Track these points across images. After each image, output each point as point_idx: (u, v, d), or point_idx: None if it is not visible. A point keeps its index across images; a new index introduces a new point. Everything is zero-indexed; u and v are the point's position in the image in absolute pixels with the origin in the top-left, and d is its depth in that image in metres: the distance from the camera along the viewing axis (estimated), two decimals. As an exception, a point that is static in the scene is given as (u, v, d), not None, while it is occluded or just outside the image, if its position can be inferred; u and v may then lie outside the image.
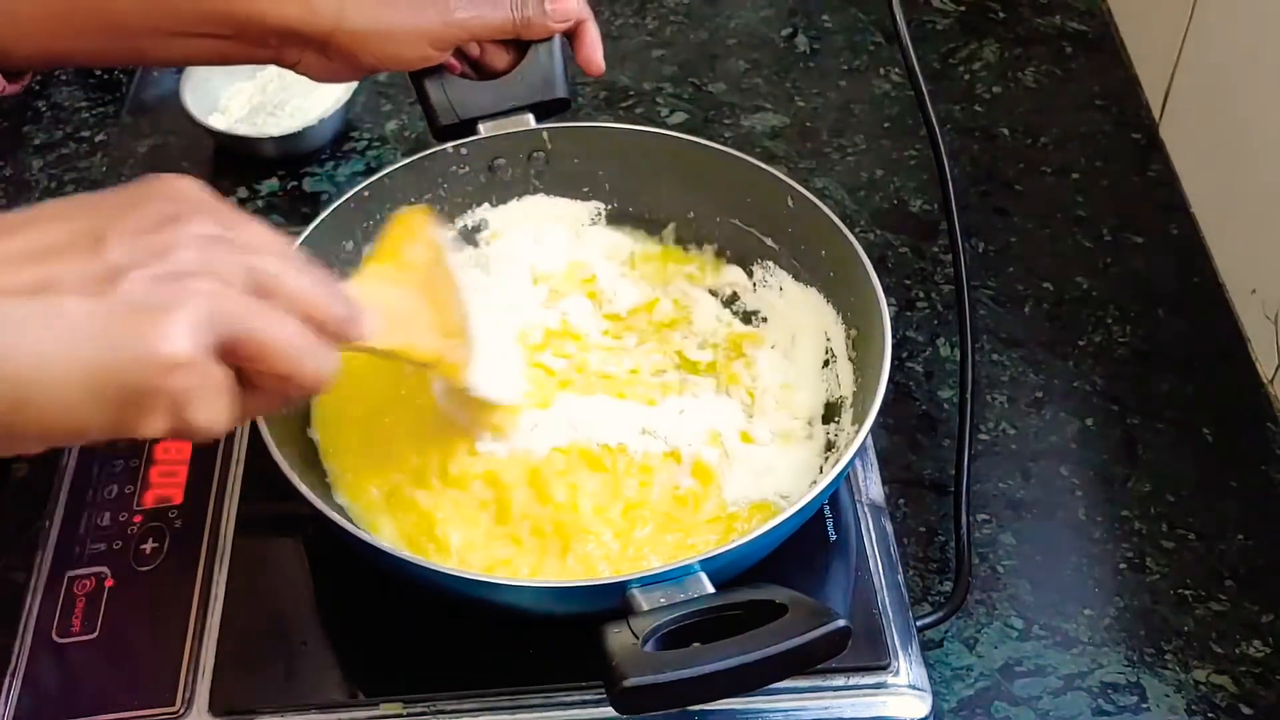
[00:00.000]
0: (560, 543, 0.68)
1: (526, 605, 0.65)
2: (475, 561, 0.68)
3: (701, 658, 0.54)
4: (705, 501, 0.71)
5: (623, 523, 0.69)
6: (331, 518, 0.63)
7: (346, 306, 0.52)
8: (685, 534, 0.69)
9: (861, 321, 0.74)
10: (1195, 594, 0.82)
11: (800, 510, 0.62)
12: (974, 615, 0.81)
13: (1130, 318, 0.97)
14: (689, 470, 0.72)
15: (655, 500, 0.70)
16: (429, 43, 0.77)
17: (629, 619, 0.56)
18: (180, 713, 0.66)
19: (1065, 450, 0.89)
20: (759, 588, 0.58)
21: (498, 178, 0.82)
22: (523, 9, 0.78)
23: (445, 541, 0.68)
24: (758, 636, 0.55)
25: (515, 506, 0.69)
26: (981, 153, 1.09)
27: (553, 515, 0.69)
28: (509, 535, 0.69)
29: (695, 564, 0.59)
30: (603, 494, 0.70)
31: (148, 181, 0.50)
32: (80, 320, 0.44)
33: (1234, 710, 0.77)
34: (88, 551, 0.72)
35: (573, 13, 0.80)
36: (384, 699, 0.66)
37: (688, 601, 0.58)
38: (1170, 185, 1.06)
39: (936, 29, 1.20)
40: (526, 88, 0.81)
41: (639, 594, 0.58)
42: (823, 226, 0.75)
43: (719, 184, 0.80)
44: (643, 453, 0.72)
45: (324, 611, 0.71)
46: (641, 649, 0.55)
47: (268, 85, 1.10)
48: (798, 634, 0.55)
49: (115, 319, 0.44)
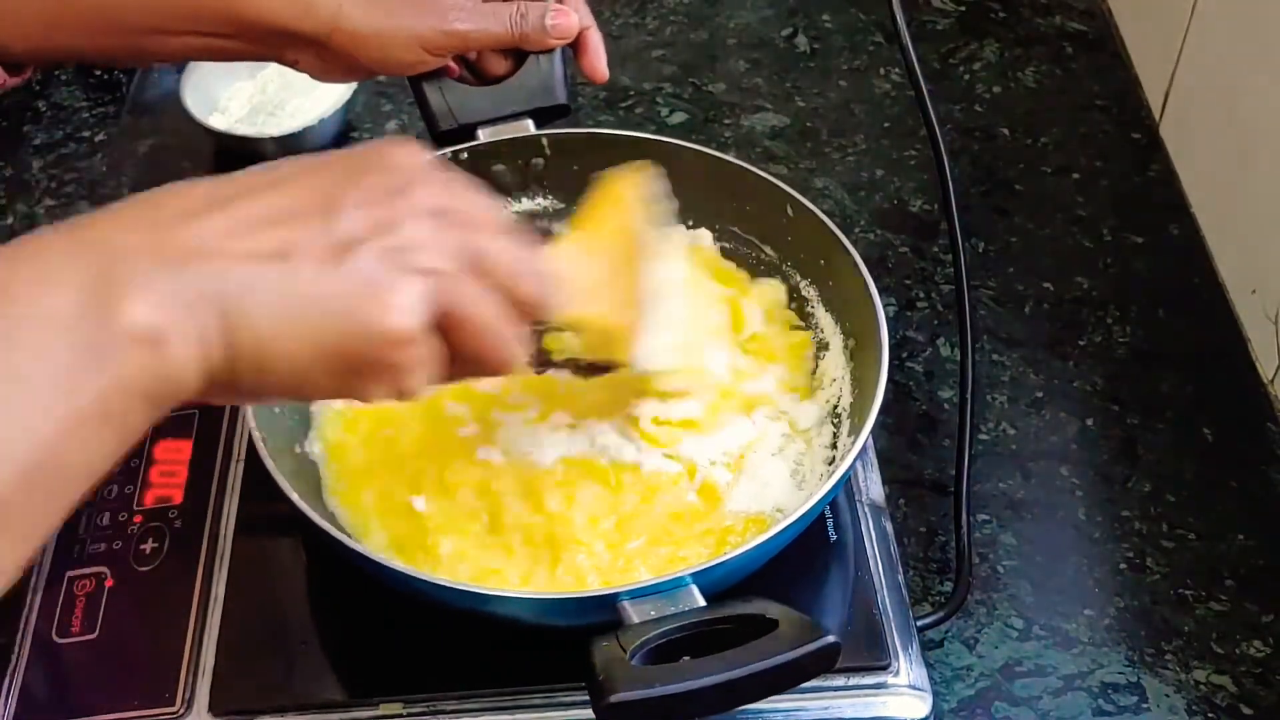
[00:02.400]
0: (551, 553, 0.68)
1: (515, 616, 0.64)
2: (464, 571, 0.67)
3: (689, 673, 0.54)
4: (704, 519, 0.70)
5: (615, 534, 0.69)
6: (319, 524, 0.63)
7: (543, 287, 0.53)
8: (677, 546, 0.69)
9: (859, 333, 0.73)
10: (1195, 594, 0.82)
11: (792, 524, 0.62)
12: (974, 615, 0.81)
13: (1130, 318, 0.97)
14: (696, 488, 0.71)
15: (653, 514, 0.69)
16: (425, 49, 0.76)
17: (618, 632, 0.56)
18: (180, 713, 0.66)
19: (1065, 450, 0.89)
20: (750, 601, 0.57)
21: (496, 183, 0.82)
22: (522, 24, 0.78)
23: (435, 550, 0.68)
24: (747, 652, 0.54)
25: (508, 516, 0.69)
26: (981, 153, 1.09)
27: (545, 526, 0.68)
28: (501, 545, 0.68)
29: (687, 576, 0.59)
30: (599, 506, 0.69)
31: (376, 147, 0.51)
32: (316, 289, 0.46)
33: (1234, 710, 0.77)
34: (88, 551, 0.72)
35: (573, 29, 0.79)
36: (384, 699, 0.66)
37: (678, 615, 0.57)
38: (1170, 185, 1.06)
39: (936, 29, 1.20)
40: (526, 93, 0.81)
41: (629, 606, 0.58)
42: (821, 236, 0.75)
43: (719, 191, 0.80)
44: (652, 470, 0.71)
45: (324, 611, 0.71)
46: (629, 663, 0.54)
47: (268, 85, 1.10)
48: (787, 650, 0.54)
49: (349, 290, 0.46)
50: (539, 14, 0.78)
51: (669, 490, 0.70)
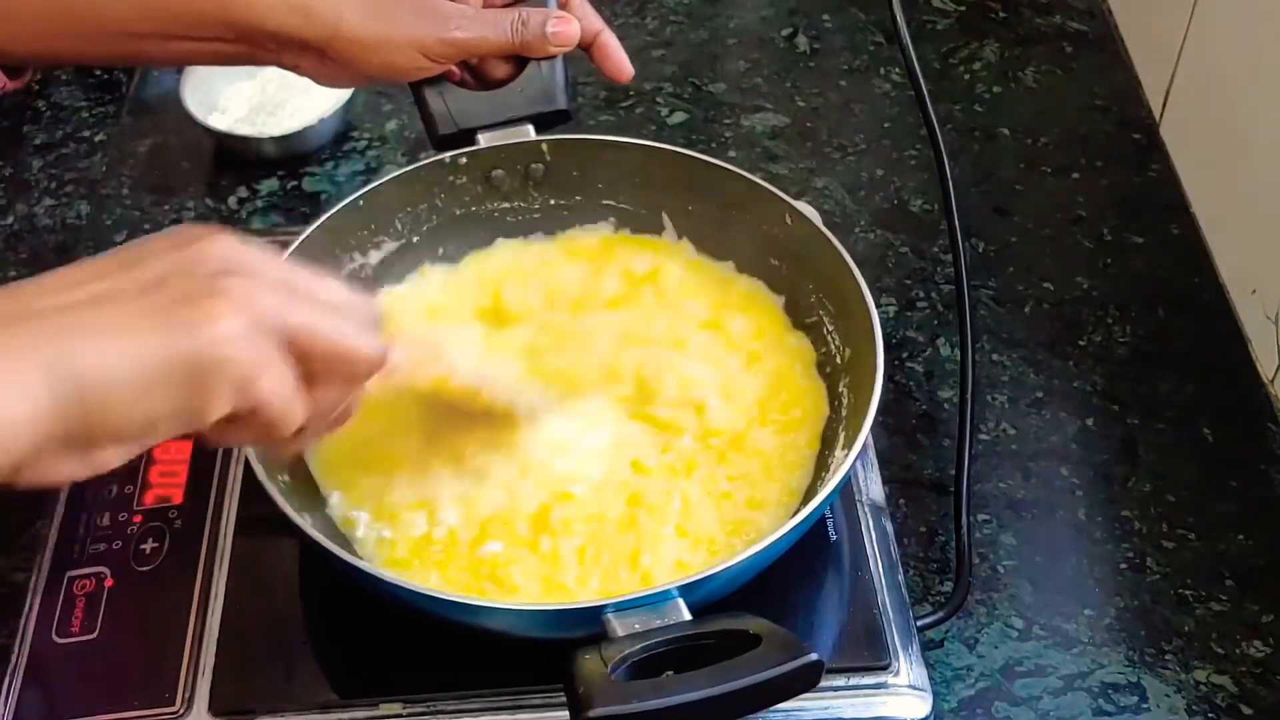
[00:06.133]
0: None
1: (502, 627, 0.64)
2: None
3: (670, 688, 0.54)
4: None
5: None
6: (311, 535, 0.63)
7: (375, 312, 0.55)
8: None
9: (855, 344, 0.73)
10: (1195, 594, 0.82)
11: (781, 539, 0.61)
12: (974, 615, 0.81)
13: (1130, 318, 0.97)
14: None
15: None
16: (426, 56, 0.76)
17: (600, 645, 0.56)
18: (180, 713, 0.66)
19: (1065, 450, 0.89)
20: (735, 617, 0.57)
21: (495, 189, 0.82)
22: (523, 32, 0.77)
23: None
24: (728, 669, 0.54)
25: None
26: (981, 153, 1.09)
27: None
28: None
29: (673, 589, 0.58)
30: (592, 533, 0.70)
31: (162, 235, 0.53)
32: (136, 316, 0.48)
33: (1234, 710, 0.77)
34: (88, 551, 0.72)
35: (574, 38, 0.78)
36: (384, 699, 0.66)
37: (662, 629, 0.57)
38: (1170, 185, 1.06)
39: (936, 29, 1.20)
40: (526, 99, 0.80)
41: (614, 619, 0.57)
42: (819, 246, 0.74)
43: (718, 199, 0.79)
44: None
45: (324, 611, 0.71)
46: (610, 677, 0.54)
47: (268, 85, 1.10)
48: (768, 667, 0.54)
49: (168, 309, 0.48)
50: (540, 22, 0.77)
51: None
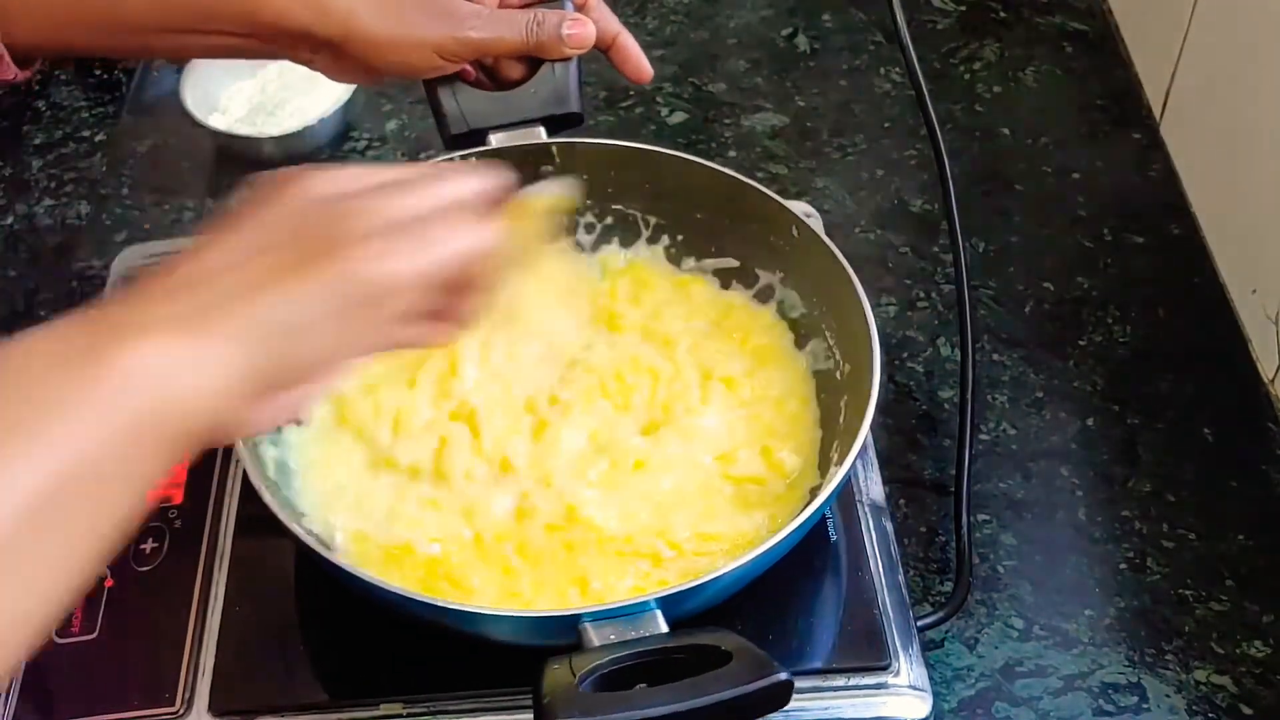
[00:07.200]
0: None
1: (482, 632, 0.64)
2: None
3: (636, 702, 0.54)
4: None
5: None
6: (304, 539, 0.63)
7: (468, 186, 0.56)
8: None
9: (854, 358, 0.73)
10: (1195, 594, 0.82)
11: (775, 548, 0.61)
12: (974, 615, 0.81)
13: (1130, 318, 0.97)
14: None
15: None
16: (440, 55, 0.76)
17: (571, 655, 0.56)
18: (180, 713, 0.66)
19: (1065, 450, 0.89)
20: (710, 632, 0.57)
21: None
22: (538, 33, 0.77)
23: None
24: (695, 685, 0.54)
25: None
26: (981, 153, 1.09)
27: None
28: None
29: (652, 601, 0.58)
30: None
31: (254, 198, 0.53)
32: (292, 277, 0.49)
33: (1234, 710, 0.77)
34: (88, 551, 0.72)
35: (589, 39, 0.78)
36: (384, 699, 0.66)
37: (636, 640, 0.57)
38: (1170, 185, 1.06)
39: (936, 29, 1.20)
40: (539, 101, 0.80)
41: (590, 629, 0.57)
42: (822, 256, 0.74)
43: (723, 207, 0.79)
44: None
45: (324, 611, 0.71)
46: (577, 688, 0.54)
47: (268, 85, 1.10)
48: (736, 685, 0.54)
49: (317, 263, 0.50)
50: (555, 23, 0.77)
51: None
